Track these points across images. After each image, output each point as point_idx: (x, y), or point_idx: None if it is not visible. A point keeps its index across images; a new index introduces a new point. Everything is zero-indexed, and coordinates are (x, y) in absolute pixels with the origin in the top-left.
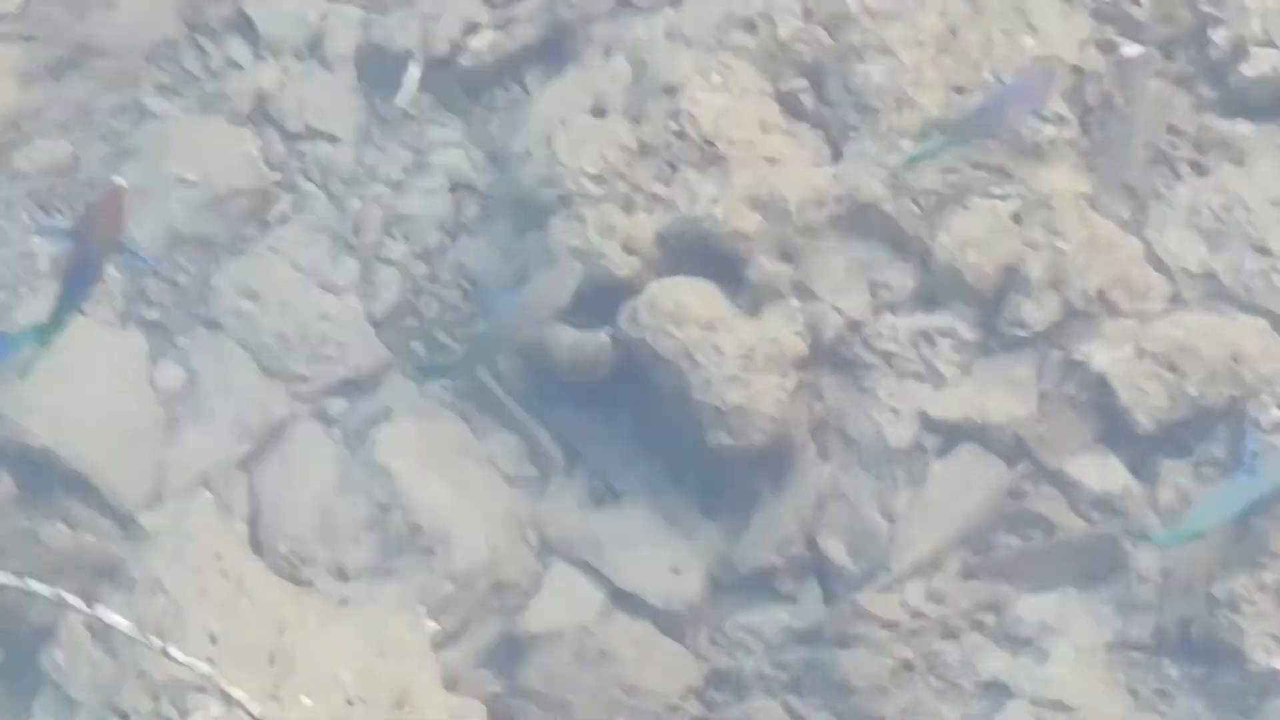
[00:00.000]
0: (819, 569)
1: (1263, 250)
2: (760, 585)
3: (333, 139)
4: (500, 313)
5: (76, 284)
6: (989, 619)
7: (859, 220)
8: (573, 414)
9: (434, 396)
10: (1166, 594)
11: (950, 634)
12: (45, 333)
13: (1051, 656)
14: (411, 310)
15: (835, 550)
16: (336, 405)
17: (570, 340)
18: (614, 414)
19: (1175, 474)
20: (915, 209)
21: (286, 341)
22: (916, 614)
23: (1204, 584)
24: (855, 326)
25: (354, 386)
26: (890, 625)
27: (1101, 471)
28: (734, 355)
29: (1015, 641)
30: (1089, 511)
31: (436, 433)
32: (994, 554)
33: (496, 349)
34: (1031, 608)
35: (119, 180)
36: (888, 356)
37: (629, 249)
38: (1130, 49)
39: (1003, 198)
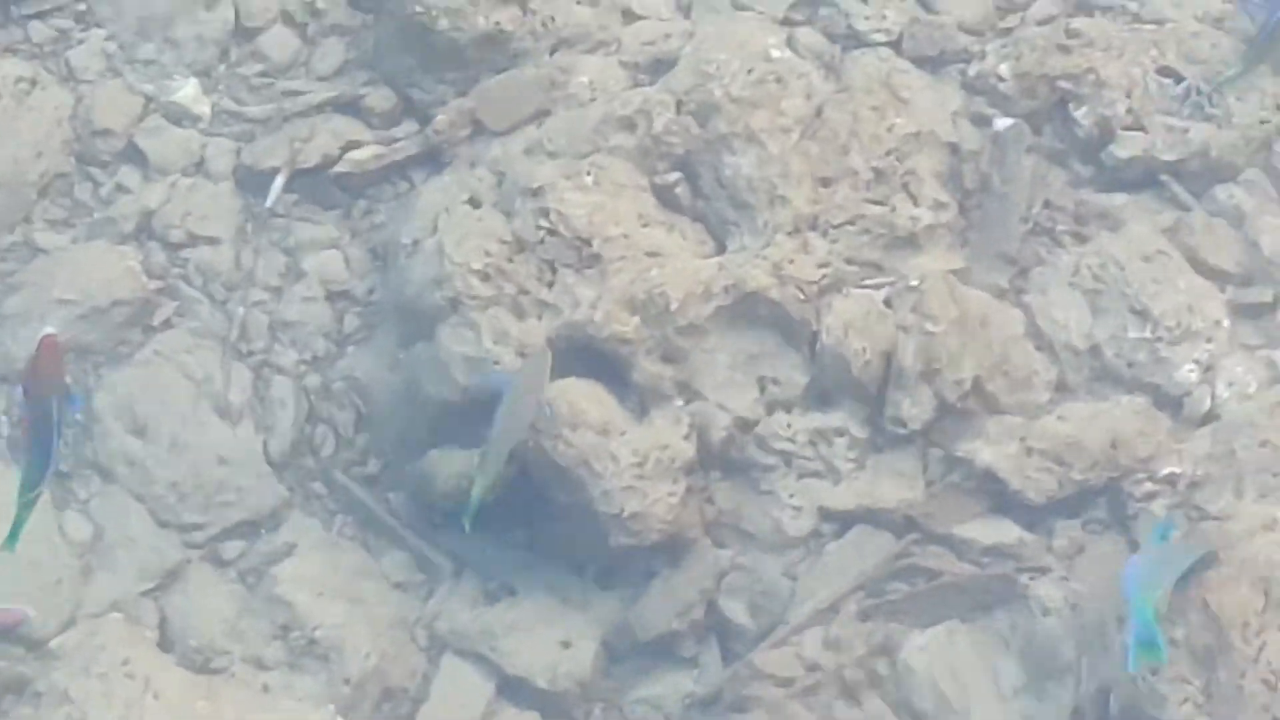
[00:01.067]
0: (720, 630)
1: (1142, 314)
2: (661, 652)
3: (213, 241)
4: (505, 410)
5: (45, 443)
6: (883, 667)
7: (745, 311)
8: (460, 534)
9: (336, 529)
10: (1082, 647)
11: (849, 693)
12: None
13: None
14: (309, 446)
15: (735, 611)
16: (233, 548)
17: (453, 467)
18: (508, 525)
19: (1069, 530)
20: (800, 295)
21: (180, 491)
22: (813, 667)
23: (1116, 625)
24: (745, 425)
25: (252, 527)
26: (786, 683)
27: (994, 529)
28: (628, 463)
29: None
30: (980, 559)
31: (336, 562)
32: (888, 598)
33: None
34: (919, 645)
35: (48, 329)
36: (786, 457)
37: (522, 355)
38: (1001, 122)
39: (877, 287)
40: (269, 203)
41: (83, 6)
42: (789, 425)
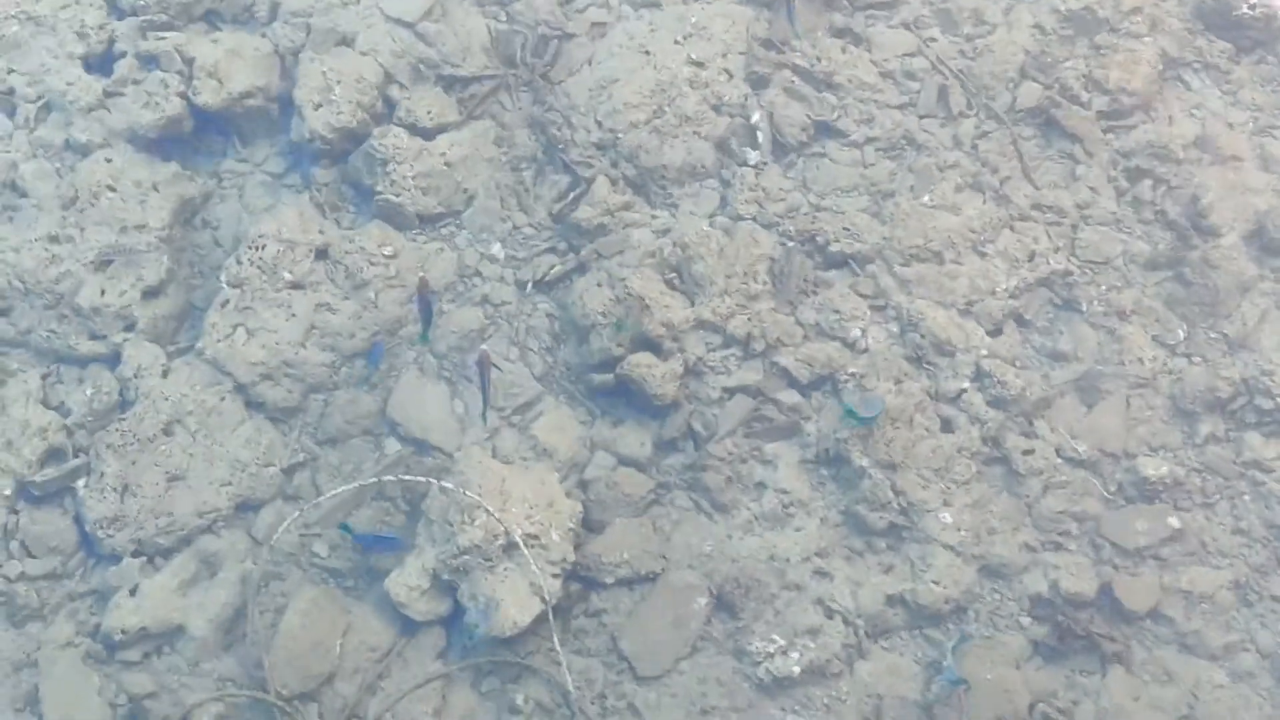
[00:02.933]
0: (694, 436)
1: None
2: (669, 446)
3: None
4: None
5: (428, 313)
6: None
7: None
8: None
9: (560, 400)
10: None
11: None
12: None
13: None
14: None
15: (698, 431)
16: (517, 417)
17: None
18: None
19: None
20: None
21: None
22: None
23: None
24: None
25: (527, 405)
26: (721, 460)
27: None
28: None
29: None
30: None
31: (564, 417)
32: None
33: None
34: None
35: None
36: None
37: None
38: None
39: None
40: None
41: None
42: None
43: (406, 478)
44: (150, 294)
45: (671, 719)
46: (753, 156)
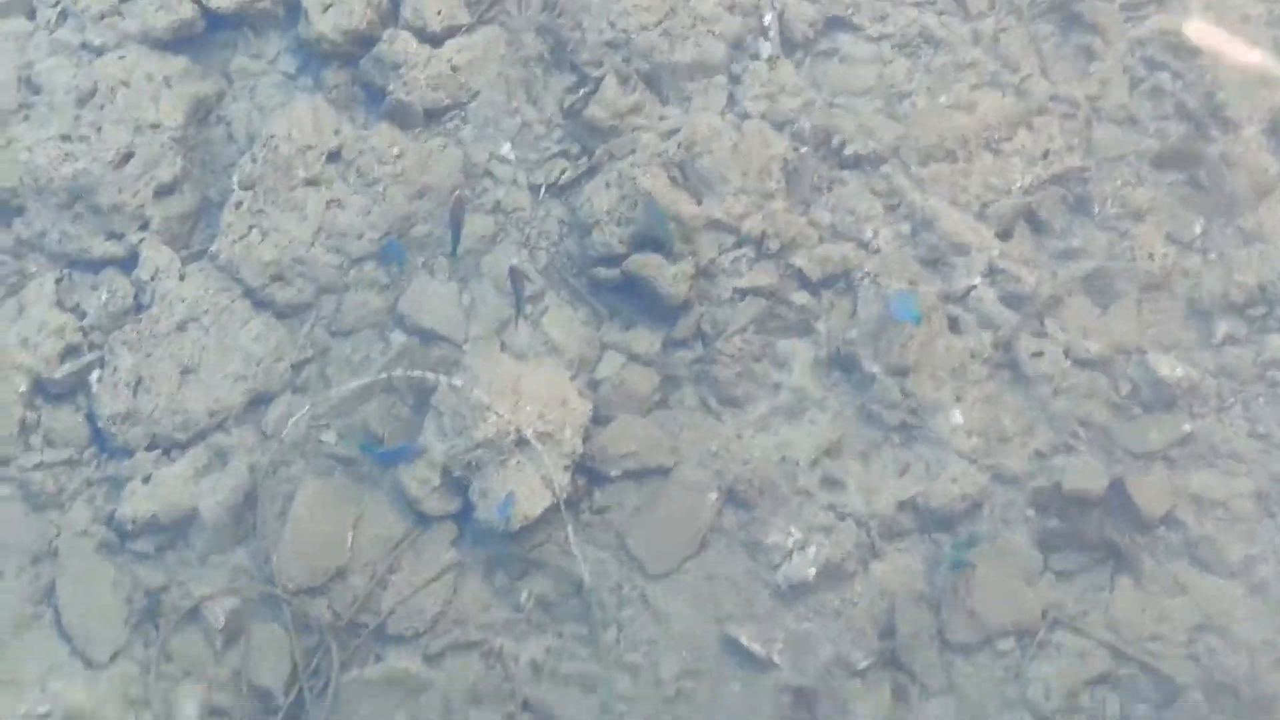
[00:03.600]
0: (702, 337)
1: None
2: (681, 344)
3: None
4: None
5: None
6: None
7: None
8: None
9: (561, 296)
10: None
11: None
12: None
13: None
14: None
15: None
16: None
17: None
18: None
19: None
20: None
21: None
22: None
23: None
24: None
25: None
26: (732, 357)
27: None
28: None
29: None
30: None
31: (567, 314)
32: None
33: None
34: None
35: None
36: None
37: None
38: None
39: None
40: None
41: None
42: None
43: (416, 373)
44: (164, 191)
45: (684, 614)
46: (765, 49)
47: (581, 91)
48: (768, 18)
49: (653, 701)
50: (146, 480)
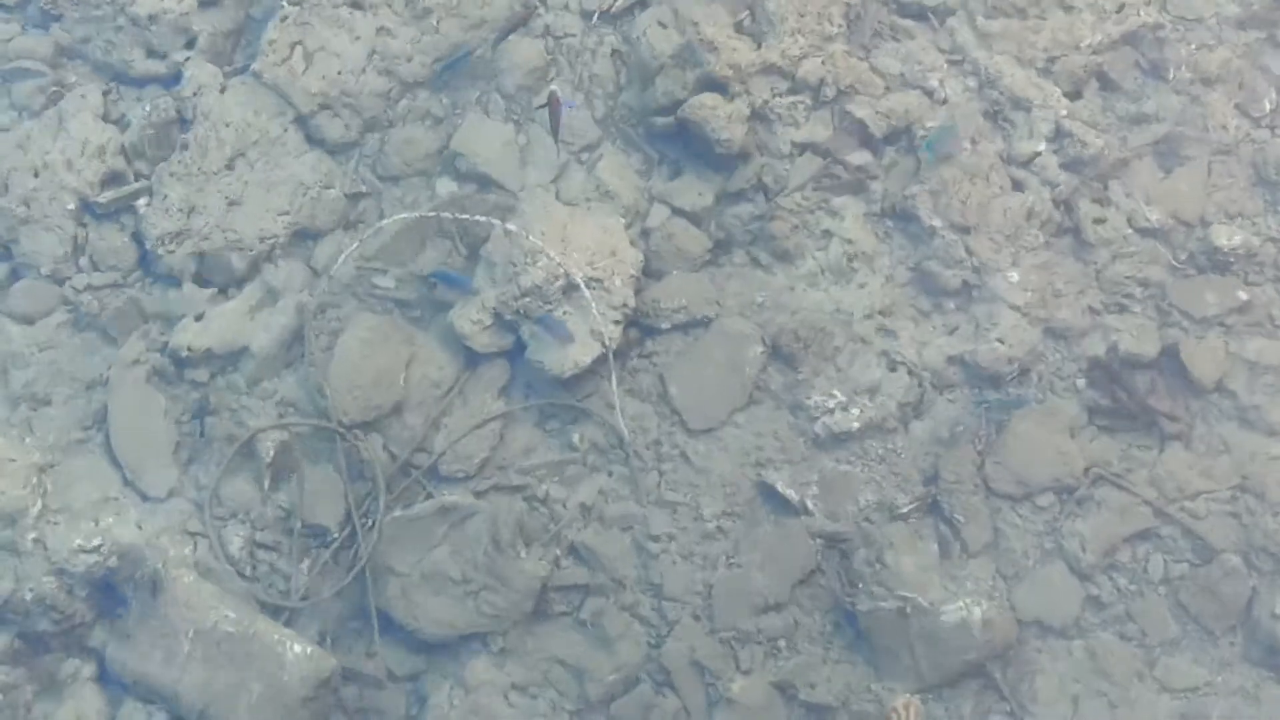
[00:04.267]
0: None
1: None
2: (740, 197)
3: None
4: None
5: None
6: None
7: None
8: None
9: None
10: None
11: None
12: None
13: None
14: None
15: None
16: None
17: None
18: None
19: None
20: None
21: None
22: (793, 209)
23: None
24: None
25: (589, 147)
26: (788, 211)
27: (859, 156)
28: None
29: None
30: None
31: (621, 160)
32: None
33: None
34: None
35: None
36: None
37: None
38: None
39: None
40: None
41: None
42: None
43: (467, 217)
44: (207, 3)
45: (723, 468)
46: None
47: None
48: None
49: (691, 538)
50: (199, 318)
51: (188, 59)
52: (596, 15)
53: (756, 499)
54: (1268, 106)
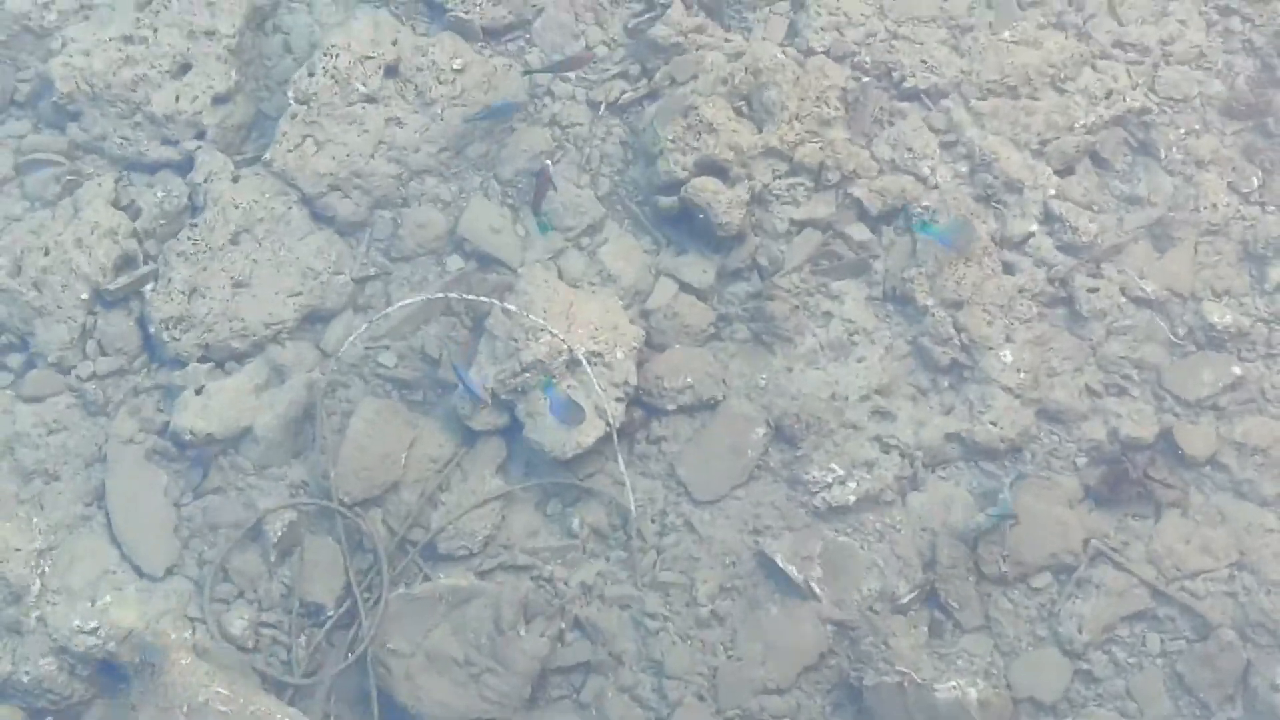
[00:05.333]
0: (758, 269)
1: None
2: (736, 275)
3: None
4: None
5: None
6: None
7: None
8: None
9: (623, 227)
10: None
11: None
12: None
13: None
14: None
15: (761, 262)
16: (585, 240)
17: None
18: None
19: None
20: None
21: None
22: (791, 290)
23: None
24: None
25: (592, 227)
26: (786, 291)
27: (859, 231)
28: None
29: None
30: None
31: (627, 243)
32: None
33: None
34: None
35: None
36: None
37: None
38: None
39: None
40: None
41: None
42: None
43: (471, 297)
44: (220, 100)
45: (726, 536)
46: None
47: (646, 15)
48: None
49: (686, 622)
50: (199, 392)
51: (199, 147)
52: (604, 106)
53: (758, 575)
54: (1255, 183)
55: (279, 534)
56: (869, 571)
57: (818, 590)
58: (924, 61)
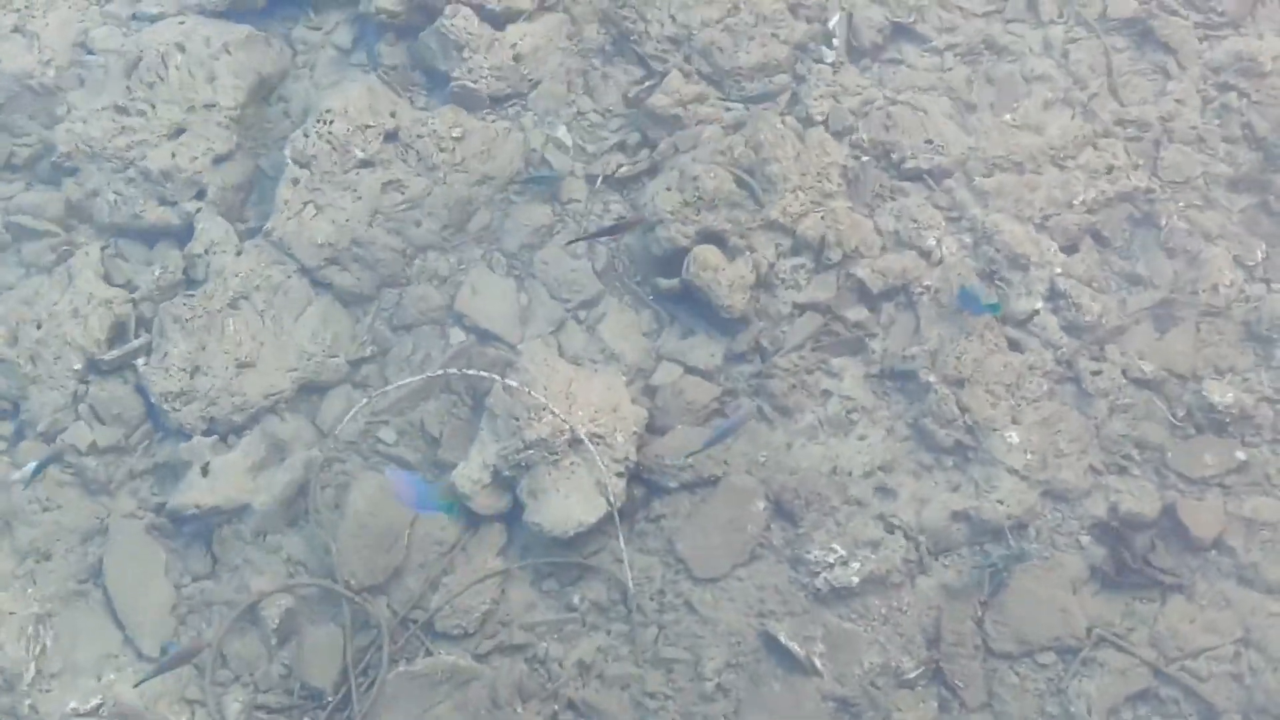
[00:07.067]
0: (760, 351)
1: None
2: (740, 357)
3: None
4: None
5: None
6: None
7: None
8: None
9: (624, 302)
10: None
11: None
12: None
13: None
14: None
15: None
16: (582, 314)
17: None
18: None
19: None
20: None
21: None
22: (788, 369)
23: None
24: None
25: (588, 303)
26: (783, 371)
27: (858, 313)
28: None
29: None
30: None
31: (626, 318)
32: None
33: None
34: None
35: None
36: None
37: None
38: None
39: None
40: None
41: None
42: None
43: (472, 372)
44: (220, 160)
45: (728, 619)
46: (829, 55)
47: (647, 83)
48: (834, 21)
49: (689, 699)
50: (205, 471)
51: (199, 210)
52: (600, 179)
53: (761, 652)
54: (1260, 256)
55: (277, 620)
56: (871, 647)
57: (820, 666)
58: (928, 141)
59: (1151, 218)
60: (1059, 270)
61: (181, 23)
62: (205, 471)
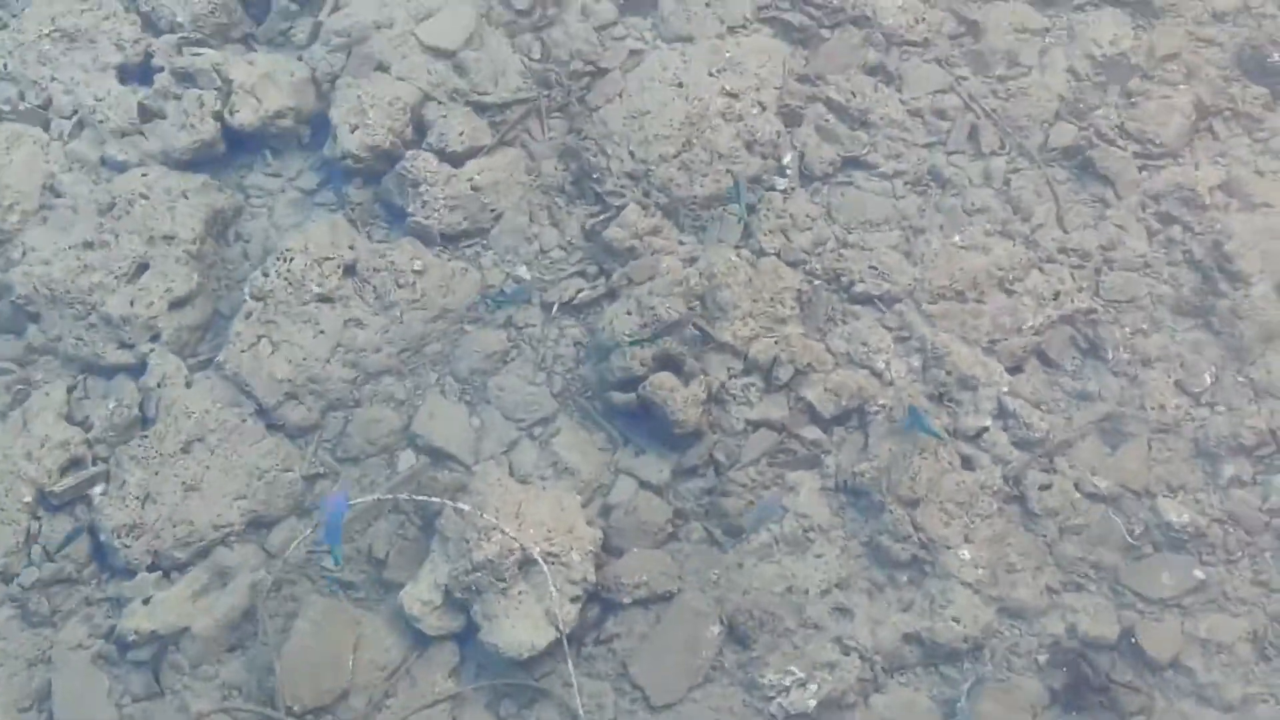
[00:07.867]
0: (715, 466)
1: None
2: (690, 473)
3: None
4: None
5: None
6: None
7: None
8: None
9: (578, 419)
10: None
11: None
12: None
13: None
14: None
15: (719, 458)
16: (538, 430)
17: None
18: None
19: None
20: None
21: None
22: (747, 483)
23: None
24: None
25: (544, 421)
26: (742, 486)
27: (811, 431)
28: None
29: None
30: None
31: (579, 437)
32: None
33: None
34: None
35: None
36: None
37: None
38: None
39: None
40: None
41: None
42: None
43: (422, 497)
44: (177, 304)
45: None
46: (780, 184)
47: (603, 215)
48: (788, 157)
49: None
50: (146, 602)
51: (152, 350)
52: (556, 306)
53: None
54: (1208, 380)
55: None
56: None
57: None
58: (874, 268)
59: (1098, 340)
60: (1006, 390)
61: (144, 174)
62: (146, 603)
